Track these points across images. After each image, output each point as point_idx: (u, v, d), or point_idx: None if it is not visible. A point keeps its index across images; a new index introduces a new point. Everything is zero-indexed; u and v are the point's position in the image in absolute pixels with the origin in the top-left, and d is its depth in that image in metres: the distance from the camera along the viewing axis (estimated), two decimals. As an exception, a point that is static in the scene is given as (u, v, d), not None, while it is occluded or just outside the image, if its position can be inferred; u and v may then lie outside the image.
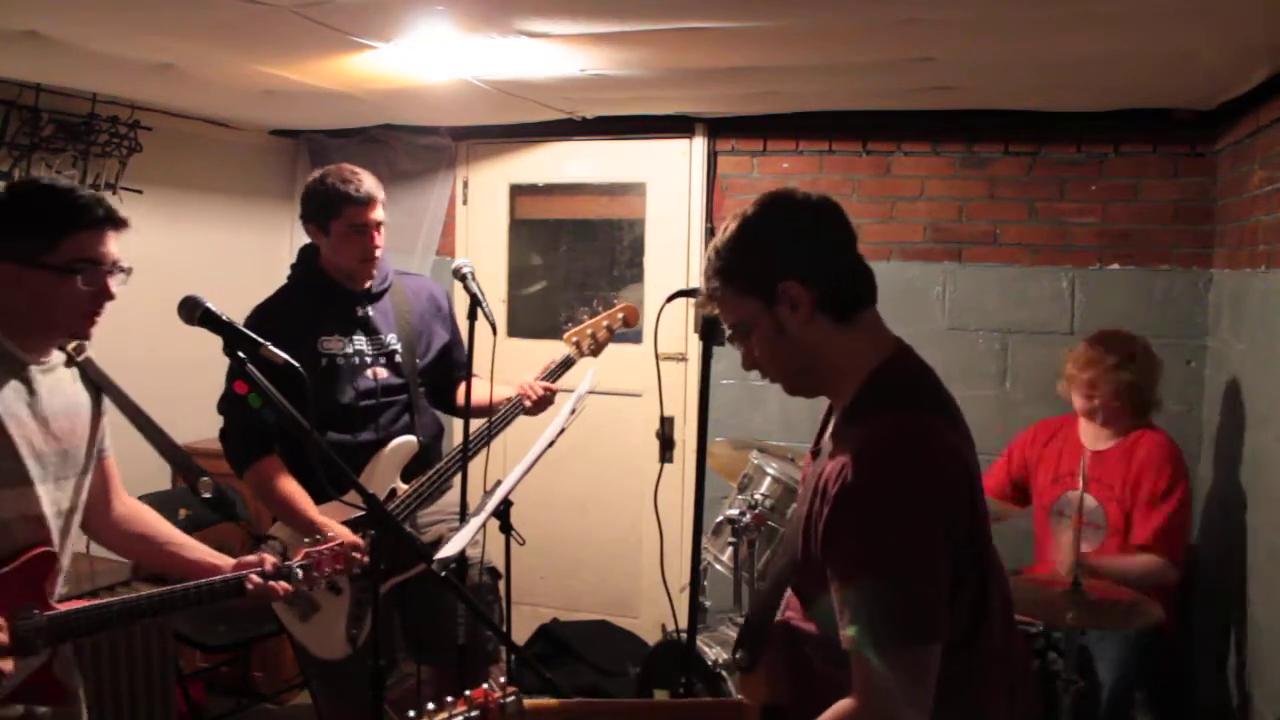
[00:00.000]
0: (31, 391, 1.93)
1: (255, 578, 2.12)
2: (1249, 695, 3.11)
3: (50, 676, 1.97)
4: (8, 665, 1.85)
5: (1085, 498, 3.21)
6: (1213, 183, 3.76)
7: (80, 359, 2.04)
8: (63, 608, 1.96)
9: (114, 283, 1.94)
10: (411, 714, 1.46)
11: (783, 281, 1.50)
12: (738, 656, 1.62)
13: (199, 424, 2.34)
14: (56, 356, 2.01)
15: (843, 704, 1.42)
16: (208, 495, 1.96)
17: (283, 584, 2.16)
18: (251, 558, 2.18)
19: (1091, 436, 3.33)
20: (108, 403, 2.10)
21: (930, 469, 1.41)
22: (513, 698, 1.51)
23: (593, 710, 1.59)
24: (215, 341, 2.02)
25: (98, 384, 2.07)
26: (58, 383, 2.00)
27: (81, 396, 2.04)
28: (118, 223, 1.93)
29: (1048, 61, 3.01)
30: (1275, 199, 2.97)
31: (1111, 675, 3.04)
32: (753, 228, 1.55)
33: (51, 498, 1.96)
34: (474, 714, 1.48)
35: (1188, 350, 3.79)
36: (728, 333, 1.61)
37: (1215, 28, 2.56)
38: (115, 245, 1.94)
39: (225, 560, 2.19)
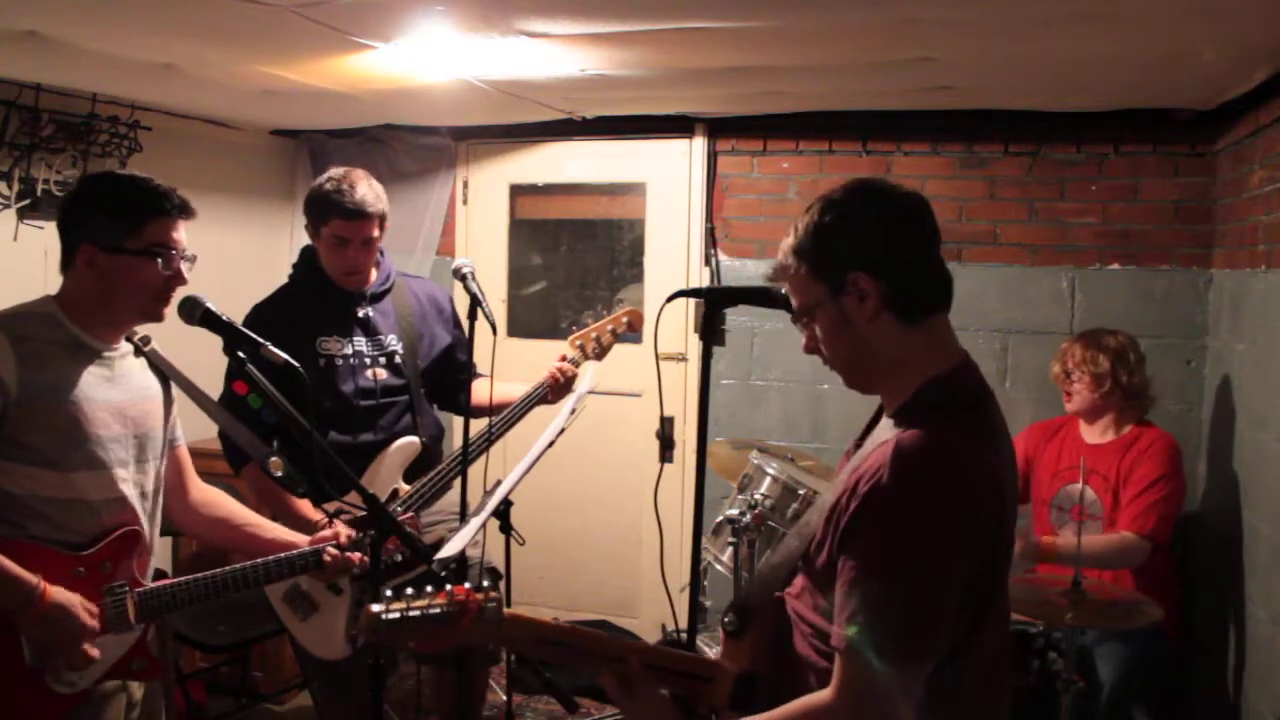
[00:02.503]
0: (108, 378, 2.04)
1: (332, 550, 2.25)
2: (1249, 695, 3.11)
3: (144, 651, 2.10)
4: (95, 652, 1.98)
5: (1086, 491, 3.23)
6: (1213, 183, 3.76)
7: (147, 349, 2.16)
8: (152, 585, 2.08)
9: (184, 269, 2.06)
10: (389, 593, 1.43)
11: (853, 272, 1.47)
12: (726, 620, 1.61)
13: (200, 422, 2.36)
14: (126, 345, 2.12)
15: (817, 697, 1.40)
16: (279, 474, 2.04)
17: (358, 555, 2.26)
18: (326, 532, 2.31)
19: (1089, 431, 3.37)
20: (176, 391, 2.21)
21: (962, 489, 1.39)
22: (494, 604, 1.47)
23: (570, 636, 1.57)
24: (215, 341, 2.03)
25: (165, 372, 2.19)
26: (130, 370, 2.11)
27: (152, 384, 2.16)
28: (188, 212, 2.08)
29: (1047, 61, 3.01)
30: (1275, 199, 2.97)
31: (1111, 675, 3.04)
32: (835, 213, 1.50)
33: (134, 480, 2.08)
34: (451, 609, 1.45)
35: (1188, 350, 3.80)
36: (794, 313, 1.57)
37: (1215, 28, 2.56)
38: (184, 233, 2.07)
39: (300, 537, 2.32)
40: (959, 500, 1.38)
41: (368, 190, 2.73)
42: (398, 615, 1.42)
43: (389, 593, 1.44)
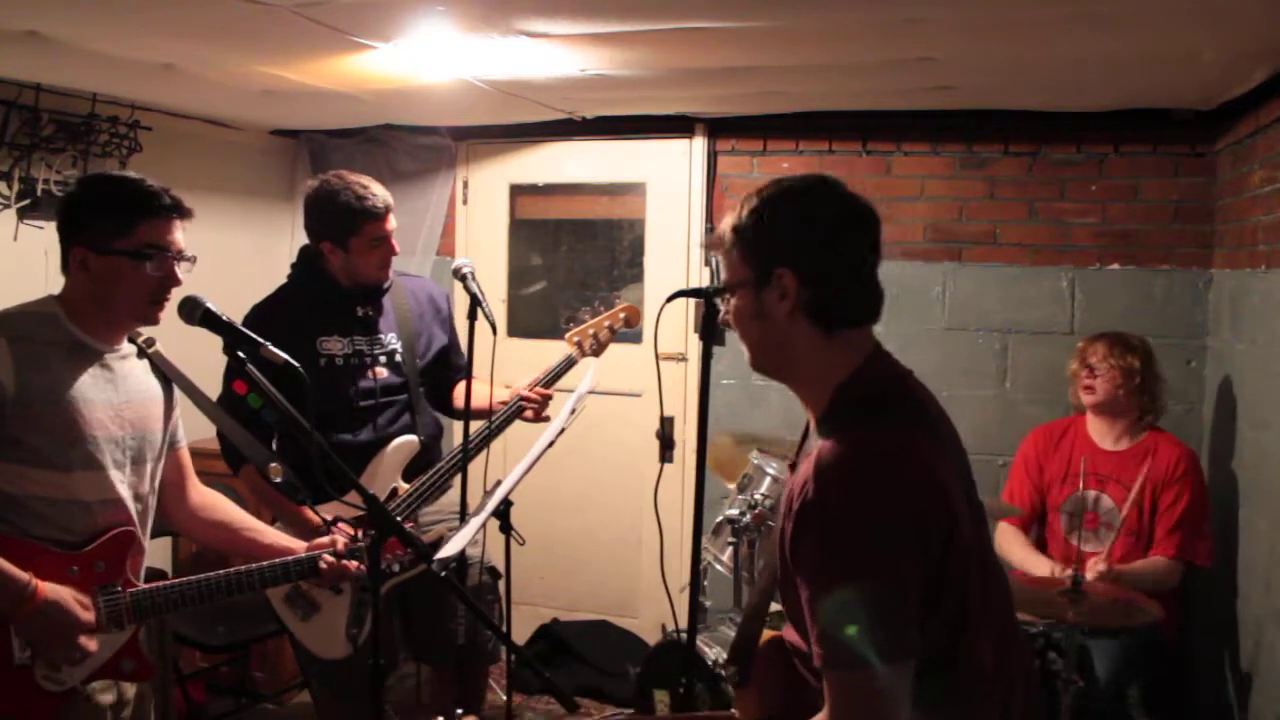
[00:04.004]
0: (108, 380, 2.04)
1: (329, 558, 2.25)
2: (1249, 695, 3.11)
3: (136, 651, 2.10)
4: (93, 644, 1.98)
5: (1102, 497, 3.23)
6: (1213, 183, 3.76)
7: (150, 351, 2.16)
8: (145, 586, 2.08)
9: (180, 270, 2.04)
10: None
11: (780, 268, 1.46)
12: (729, 673, 1.60)
13: (199, 422, 2.37)
14: (128, 347, 2.11)
15: None
16: (278, 480, 2.05)
17: (355, 563, 2.26)
18: (324, 539, 2.30)
19: (1102, 435, 3.35)
20: (179, 394, 2.21)
21: (891, 484, 1.36)
22: None
23: None
24: (215, 341, 2.03)
25: (168, 375, 2.18)
26: (131, 371, 2.10)
27: (154, 386, 2.15)
28: (184, 212, 2.05)
29: (1047, 61, 3.01)
30: (1275, 199, 2.97)
31: (1111, 675, 3.04)
32: (781, 205, 1.49)
33: (129, 481, 2.07)
34: None
35: (1188, 350, 3.79)
36: (717, 283, 1.57)
37: (1215, 28, 2.56)
38: (180, 234, 2.04)
39: (298, 543, 2.31)
40: (889, 496, 1.36)
41: (375, 183, 2.80)
42: None
43: None
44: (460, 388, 2.87)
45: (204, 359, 2.32)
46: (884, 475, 1.37)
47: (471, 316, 2.64)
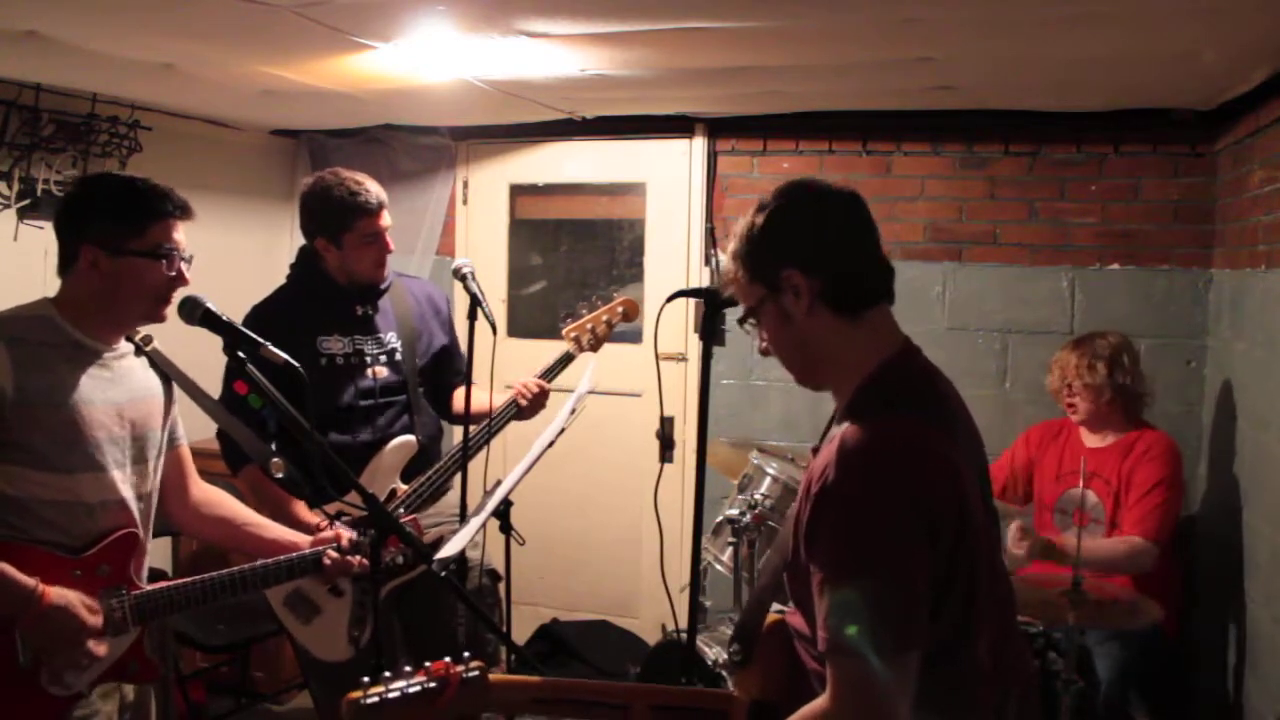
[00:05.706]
0: (107, 380, 2.04)
1: (333, 553, 2.25)
2: (1249, 695, 3.11)
3: (141, 654, 2.10)
4: (102, 649, 1.98)
5: (1087, 494, 3.23)
6: (1213, 183, 3.76)
7: (148, 349, 2.16)
8: (149, 587, 2.08)
9: (185, 269, 2.07)
10: (366, 680, 1.43)
11: (785, 270, 1.49)
12: (732, 650, 1.61)
13: (198, 422, 2.36)
14: (126, 345, 2.11)
15: (815, 705, 1.40)
16: (280, 476, 2.06)
17: (359, 558, 2.26)
18: (328, 534, 2.30)
19: (1090, 434, 3.36)
20: (178, 391, 2.21)
21: (909, 475, 1.38)
22: (476, 672, 1.46)
23: (566, 690, 1.56)
24: (215, 341, 2.03)
25: (166, 372, 2.18)
26: (130, 370, 2.10)
27: (153, 383, 2.15)
28: (188, 213, 2.08)
29: (1048, 61, 3.01)
30: (1275, 199, 2.97)
31: (1111, 675, 3.04)
32: (766, 215, 1.54)
33: (131, 482, 2.08)
34: (432, 685, 1.44)
35: (1188, 350, 3.79)
36: (740, 315, 1.60)
37: (1215, 28, 2.56)
38: (183, 234, 2.07)
39: (302, 538, 2.31)
40: (907, 487, 1.37)
41: (371, 180, 2.79)
42: (376, 699, 1.42)
43: (366, 679, 1.43)
44: (459, 393, 2.86)
45: (204, 359, 2.32)
46: (904, 466, 1.39)
47: (471, 316, 2.63)
